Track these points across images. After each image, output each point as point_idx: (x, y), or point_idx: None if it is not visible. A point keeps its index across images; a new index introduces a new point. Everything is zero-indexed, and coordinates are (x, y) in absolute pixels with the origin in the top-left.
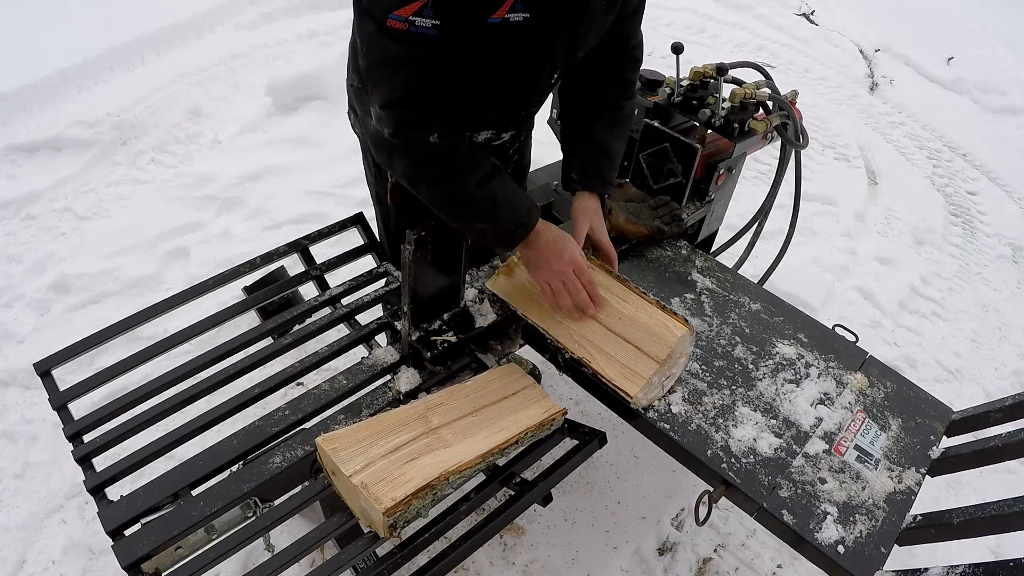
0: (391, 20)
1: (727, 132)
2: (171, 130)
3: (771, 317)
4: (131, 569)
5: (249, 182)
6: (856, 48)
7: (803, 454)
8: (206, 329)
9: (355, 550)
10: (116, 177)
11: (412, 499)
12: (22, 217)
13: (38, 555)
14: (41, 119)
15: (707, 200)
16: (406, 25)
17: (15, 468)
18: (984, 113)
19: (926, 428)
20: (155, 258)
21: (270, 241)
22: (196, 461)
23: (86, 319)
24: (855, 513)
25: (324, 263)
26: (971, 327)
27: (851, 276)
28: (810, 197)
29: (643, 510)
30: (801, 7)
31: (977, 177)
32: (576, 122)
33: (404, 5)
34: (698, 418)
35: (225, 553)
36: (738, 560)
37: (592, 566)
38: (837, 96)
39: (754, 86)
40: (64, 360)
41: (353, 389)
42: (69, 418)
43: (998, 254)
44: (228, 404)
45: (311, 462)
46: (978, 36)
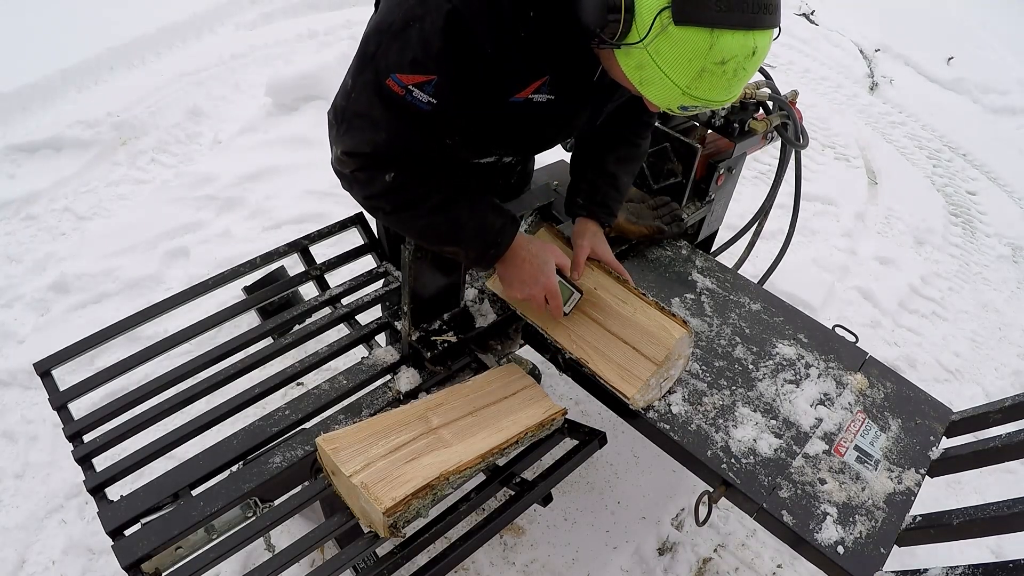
0: (391, 80)
1: (727, 132)
2: (171, 130)
3: (771, 317)
4: (131, 569)
5: (249, 182)
6: (856, 48)
7: (803, 455)
8: (206, 329)
9: (355, 550)
10: (116, 177)
11: (412, 499)
12: (22, 217)
13: (38, 555)
14: (41, 119)
15: (707, 200)
16: (403, 91)
17: (15, 468)
18: (984, 113)
19: (926, 429)
20: (155, 258)
21: (270, 241)
22: (196, 461)
23: (86, 319)
24: (855, 514)
25: (324, 263)
26: (971, 327)
27: (851, 276)
28: (810, 197)
29: (643, 510)
30: (801, 7)
31: (977, 177)
32: (589, 151)
33: (410, 73)
34: (698, 418)
35: (225, 553)
36: (738, 560)
37: (592, 566)
38: (837, 96)
39: (754, 86)
40: (64, 360)
41: (353, 389)
42: (69, 418)
43: (998, 254)
44: (228, 404)
45: (311, 462)
46: (978, 36)
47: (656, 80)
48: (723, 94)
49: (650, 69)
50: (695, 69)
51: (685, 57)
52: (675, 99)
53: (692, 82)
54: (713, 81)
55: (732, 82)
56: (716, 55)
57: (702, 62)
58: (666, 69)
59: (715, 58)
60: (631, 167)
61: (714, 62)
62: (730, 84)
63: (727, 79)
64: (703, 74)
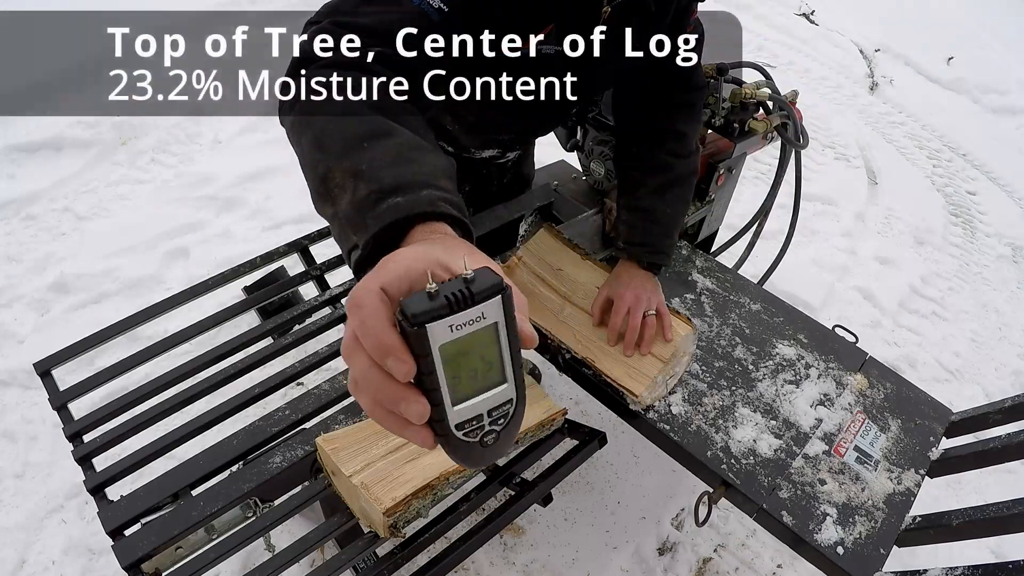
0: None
1: (727, 132)
2: (171, 130)
3: (771, 317)
4: (131, 569)
5: (249, 182)
6: (856, 48)
7: (803, 455)
8: (206, 329)
9: (355, 550)
10: (116, 177)
11: (412, 499)
12: (22, 217)
13: (38, 555)
14: (41, 119)
15: (707, 200)
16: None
17: (15, 468)
18: (984, 113)
19: (926, 429)
20: (155, 258)
21: (270, 241)
22: (196, 461)
23: (86, 319)
24: (855, 514)
25: (324, 263)
26: (971, 327)
27: (851, 276)
28: (810, 197)
29: (643, 510)
30: (801, 7)
31: (977, 177)
32: (623, 185)
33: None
34: (698, 419)
35: (225, 553)
36: (738, 560)
37: (592, 566)
38: (837, 96)
39: (754, 86)
40: (64, 360)
41: None
42: (69, 418)
43: (998, 254)
44: (228, 404)
45: (311, 462)
46: (978, 36)
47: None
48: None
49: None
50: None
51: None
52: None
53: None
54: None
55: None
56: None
57: None
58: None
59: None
60: (670, 194)
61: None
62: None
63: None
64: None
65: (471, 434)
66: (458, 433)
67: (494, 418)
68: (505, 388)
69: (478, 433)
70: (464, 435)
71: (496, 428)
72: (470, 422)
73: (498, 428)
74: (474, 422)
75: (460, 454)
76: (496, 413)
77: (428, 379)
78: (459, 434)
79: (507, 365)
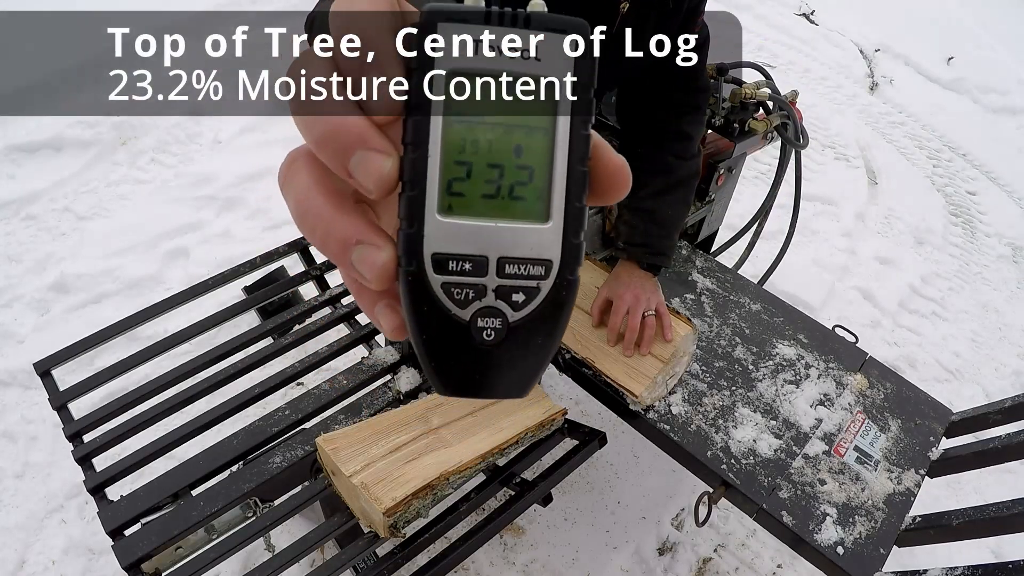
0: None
1: (727, 132)
2: (171, 130)
3: (771, 317)
4: (131, 569)
5: (249, 182)
6: (856, 48)
7: (803, 455)
8: (206, 329)
9: (355, 550)
10: (116, 177)
11: (412, 499)
12: (22, 217)
13: (38, 555)
14: (41, 119)
15: (707, 200)
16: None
17: (15, 468)
18: (984, 113)
19: (925, 429)
20: (155, 258)
21: (270, 241)
22: (196, 461)
23: (86, 319)
24: (854, 514)
25: (324, 263)
26: (971, 327)
27: (851, 276)
28: (810, 197)
29: (643, 510)
30: (801, 7)
31: (977, 177)
32: None
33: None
34: (698, 419)
35: (225, 553)
36: (738, 560)
37: (592, 566)
38: (837, 96)
39: (754, 86)
40: (64, 360)
41: (353, 389)
42: (69, 418)
43: (998, 254)
44: (228, 404)
45: (311, 462)
46: (978, 36)
47: None
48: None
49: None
50: None
51: None
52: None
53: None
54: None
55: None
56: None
57: None
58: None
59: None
60: (672, 196)
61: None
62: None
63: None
64: None
65: (459, 295)
66: (435, 280)
67: (509, 280)
68: (544, 231)
69: (472, 300)
70: (446, 292)
71: (506, 308)
72: (461, 264)
73: (511, 310)
74: (469, 269)
75: (429, 345)
76: (514, 270)
77: (412, 126)
78: (436, 284)
79: (557, 189)
